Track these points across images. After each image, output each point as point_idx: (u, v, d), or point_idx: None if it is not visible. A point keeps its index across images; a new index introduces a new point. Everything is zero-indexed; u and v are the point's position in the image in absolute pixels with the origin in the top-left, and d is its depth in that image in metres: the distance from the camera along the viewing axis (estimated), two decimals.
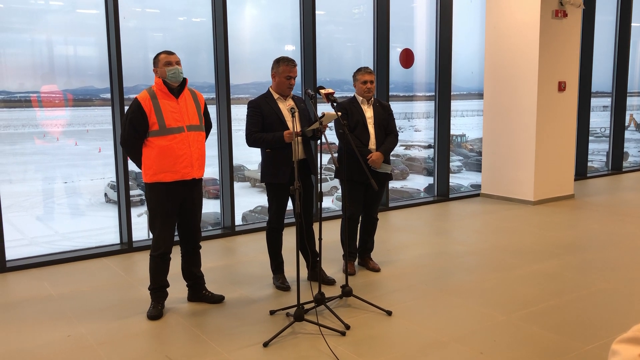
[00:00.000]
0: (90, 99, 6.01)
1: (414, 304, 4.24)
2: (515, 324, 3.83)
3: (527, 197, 7.80)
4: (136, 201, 6.17)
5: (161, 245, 4.05)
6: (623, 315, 3.99)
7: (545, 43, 7.53)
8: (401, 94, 8.43)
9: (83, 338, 3.72)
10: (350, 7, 7.82)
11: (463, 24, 8.40)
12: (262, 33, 7.15)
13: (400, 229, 6.66)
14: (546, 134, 7.75)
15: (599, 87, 10.21)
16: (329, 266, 5.06)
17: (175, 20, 6.54)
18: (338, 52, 7.91)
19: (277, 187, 4.43)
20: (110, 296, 4.51)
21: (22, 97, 5.61)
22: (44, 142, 5.94)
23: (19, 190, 5.87)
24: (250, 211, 7.46)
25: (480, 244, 5.89)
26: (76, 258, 5.48)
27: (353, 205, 4.80)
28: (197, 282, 4.33)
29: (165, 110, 3.91)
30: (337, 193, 8.17)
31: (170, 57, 3.95)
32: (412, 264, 5.22)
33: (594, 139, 10.60)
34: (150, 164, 3.94)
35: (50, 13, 5.80)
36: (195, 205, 4.17)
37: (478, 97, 8.81)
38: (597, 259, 5.27)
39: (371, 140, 4.76)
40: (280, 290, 4.54)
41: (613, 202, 7.92)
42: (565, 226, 6.61)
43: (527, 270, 4.97)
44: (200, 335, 3.73)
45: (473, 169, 9.43)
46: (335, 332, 3.66)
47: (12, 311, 4.23)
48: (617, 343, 1.09)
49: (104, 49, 5.64)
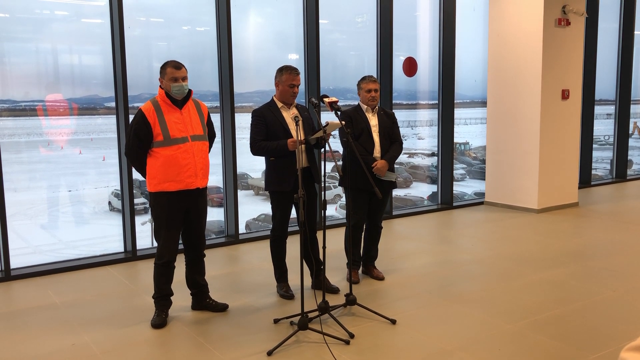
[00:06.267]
0: (95, 107, 6.04)
1: (418, 312, 4.23)
2: (521, 333, 3.81)
3: (531, 205, 7.79)
4: (140, 210, 6.18)
5: (165, 254, 4.05)
6: (629, 323, 3.97)
7: (549, 51, 7.54)
8: (404, 102, 8.44)
9: (87, 347, 3.72)
10: (354, 15, 7.85)
11: (466, 32, 8.42)
12: (266, 41, 7.18)
13: (404, 237, 6.65)
14: (550, 142, 7.74)
15: (603, 94, 10.20)
16: (333, 274, 5.05)
17: (179, 29, 6.57)
18: (342, 61, 7.93)
19: (281, 195, 4.44)
20: (114, 304, 4.51)
21: (27, 106, 5.64)
22: (48, 150, 5.96)
23: (24, 199, 5.89)
24: (253, 219, 7.45)
25: (485, 252, 5.87)
26: (80, 266, 5.49)
27: (357, 213, 4.79)
28: (201, 291, 4.33)
29: (169, 121, 3.92)
30: (341, 201, 8.16)
31: (176, 73, 3.91)
32: (417, 272, 5.21)
33: (597, 146, 10.59)
34: (154, 173, 3.95)
35: (55, 22, 5.83)
36: (200, 214, 4.17)
37: (481, 105, 8.82)
38: (602, 267, 5.25)
39: (376, 149, 4.76)
40: (284, 299, 4.53)
41: (617, 210, 7.89)
42: (570, 234, 6.59)
43: (532, 279, 4.95)
44: (204, 344, 3.72)
45: (477, 177, 9.42)
46: (339, 341, 3.65)
47: (17, 319, 4.23)
48: (626, 351, 1.09)
49: (109, 57, 5.67)
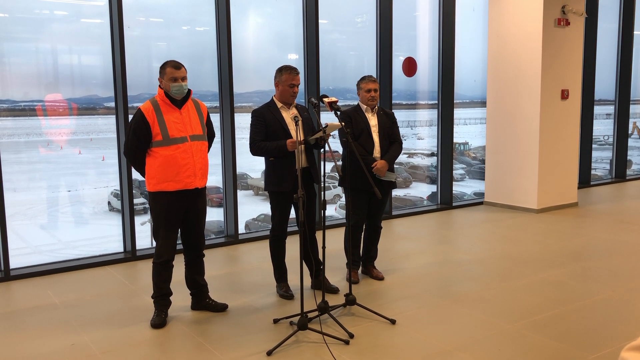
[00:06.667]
0: (95, 107, 6.04)
1: (418, 312, 4.23)
2: (520, 333, 3.81)
3: (531, 205, 7.79)
4: (140, 210, 6.18)
5: (164, 254, 4.05)
6: (628, 323, 3.97)
7: (548, 51, 7.54)
8: (404, 102, 8.44)
9: (87, 347, 3.72)
10: (354, 15, 7.85)
11: (466, 32, 8.42)
12: (266, 42, 7.18)
13: (404, 238, 6.65)
14: (549, 142, 7.74)
15: (602, 94, 10.20)
16: (333, 274, 5.05)
17: (179, 29, 6.57)
18: (341, 61, 7.93)
19: (280, 195, 4.44)
20: (113, 304, 4.51)
21: (27, 106, 5.64)
22: (48, 150, 5.96)
23: (23, 199, 5.88)
24: (253, 219, 7.45)
25: (484, 253, 5.87)
26: (80, 266, 5.48)
27: (357, 213, 4.79)
28: (201, 291, 4.33)
29: (168, 121, 3.91)
30: (341, 201, 8.16)
31: (176, 73, 3.91)
32: (416, 272, 5.21)
33: (597, 146, 10.59)
34: (153, 173, 3.95)
35: (54, 22, 5.83)
36: (199, 214, 4.17)
37: (481, 105, 8.82)
38: (601, 268, 5.25)
39: (375, 149, 4.76)
40: (284, 299, 4.53)
41: (617, 210, 7.90)
42: (569, 234, 6.59)
43: (532, 279, 4.95)
44: (203, 344, 3.72)
45: (476, 177, 9.43)
46: (339, 341, 3.65)
47: (16, 320, 4.23)
48: (626, 351, 1.09)
49: (108, 58, 5.67)
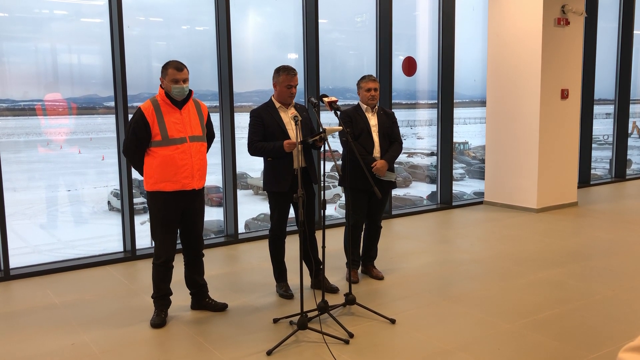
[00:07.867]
0: (94, 107, 6.03)
1: (417, 312, 4.23)
2: (520, 332, 3.82)
3: (531, 205, 7.79)
4: (139, 209, 6.17)
5: (162, 254, 4.05)
6: (627, 323, 3.97)
7: (548, 51, 7.54)
8: (404, 102, 8.44)
9: (87, 346, 3.72)
10: (353, 15, 7.84)
11: (465, 31, 8.41)
12: (266, 41, 7.17)
13: (404, 237, 6.65)
14: (549, 142, 7.74)
15: (602, 94, 10.20)
16: (332, 274, 5.05)
17: (178, 28, 6.57)
18: (341, 60, 7.93)
19: (279, 195, 4.43)
20: (113, 304, 4.51)
21: (26, 105, 5.64)
22: (47, 150, 5.96)
23: (23, 198, 5.88)
24: (253, 219, 7.45)
25: (484, 252, 5.87)
26: (79, 266, 5.48)
27: (357, 213, 4.79)
28: (200, 290, 4.33)
29: (168, 121, 3.91)
30: (340, 200, 8.16)
31: (178, 75, 3.90)
32: (416, 272, 5.21)
33: (597, 146, 10.59)
34: (151, 173, 3.95)
35: (54, 21, 5.83)
36: (197, 214, 4.17)
37: (481, 105, 8.82)
38: (601, 267, 5.25)
39: (375, 148, 4.75)
40: (284, 298, 4.53)
41: (616, 210, 7.90)
42: (569, 234, 6.59)
43: (531, 279, 4.95)
44: (203, 344, 3.72)
45: (476, 177, 9.42)
46: (338, 341, 3.65)
47: (16, 319, 4.23)
48: (624, 352, 1.09)
49: (108, 57, 5.66)
